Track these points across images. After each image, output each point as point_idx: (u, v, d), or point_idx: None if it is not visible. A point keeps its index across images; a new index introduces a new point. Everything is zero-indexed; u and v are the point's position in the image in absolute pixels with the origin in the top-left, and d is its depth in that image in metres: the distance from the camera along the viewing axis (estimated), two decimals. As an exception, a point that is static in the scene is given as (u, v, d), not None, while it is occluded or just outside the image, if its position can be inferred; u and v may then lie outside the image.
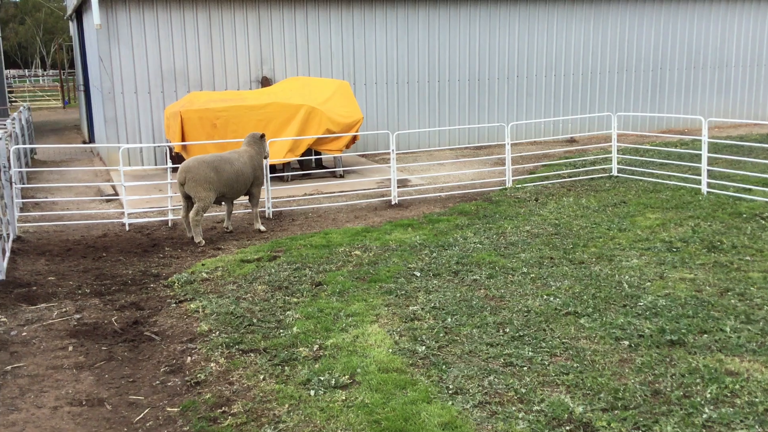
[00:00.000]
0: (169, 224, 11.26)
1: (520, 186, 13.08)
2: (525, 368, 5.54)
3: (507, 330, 6.30)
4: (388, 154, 17.01)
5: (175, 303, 7.54)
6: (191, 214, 10.02)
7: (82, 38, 21.21)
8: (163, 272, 8.75)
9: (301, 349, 6.09)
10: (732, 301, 6.79)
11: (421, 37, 17.81)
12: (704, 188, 11.73)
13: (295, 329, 6.49)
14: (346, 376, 5.50)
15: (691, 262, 8.06)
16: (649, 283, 7.40)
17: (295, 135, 13.73)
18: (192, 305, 7.34)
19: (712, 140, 12.14)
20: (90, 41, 18.06)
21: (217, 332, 6.58)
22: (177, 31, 15.86)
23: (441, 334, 6.26)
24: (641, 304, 6.79)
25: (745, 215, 10.04)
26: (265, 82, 16.66)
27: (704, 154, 11.76)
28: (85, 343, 6.58)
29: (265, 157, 11.07)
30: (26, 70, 69.60)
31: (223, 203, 10.68)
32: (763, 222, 9.61)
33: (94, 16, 14.91)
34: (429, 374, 5.49)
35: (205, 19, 16.02)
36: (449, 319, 6.59)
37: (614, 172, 13.65)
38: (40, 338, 6.70)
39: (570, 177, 13.70)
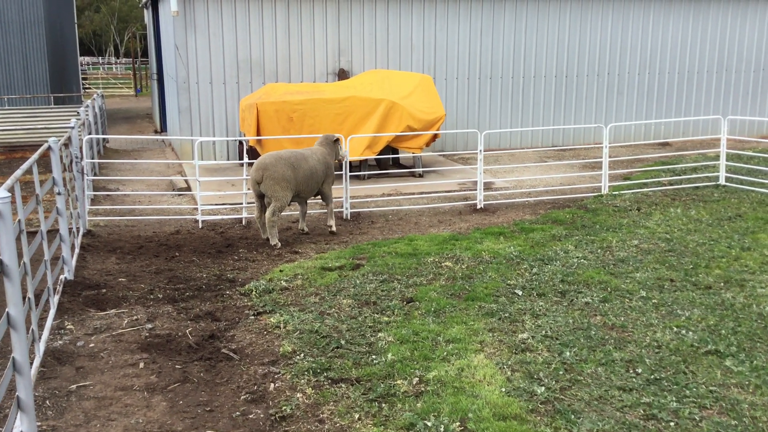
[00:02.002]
0: (243, 222, 10.66)
1: (617, 193, 12.04)
2: (672, 423, 4.64)
3: (639, 370, 5.40)
4: (467, 154, 16.17)
5: (254, 315, 6.87)
6: (267, 214, 9.38)
7: (156, 26, 20.92)
8: (239, 277, 8.11)
9: (398, 381, 5.31)
10: None
11: (507, 29, 16.84)
12: (830, 203, 10.53)
13: (389, 356, 5.72)
14: (457, 423, 4.69)
15: (841, 292, 6.99)
16: (796, 318, 6.38)
17: (373, 131, 12.99)
18: (272, 319, 6.65)
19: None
20: (165, 29, 17.68)
21: (302, 354, 5.86)
22: (254, 21, 15.29)
23: (560, 372, 5.40)
24: (794, 344, 5.79)
25: None
26: (342, 74, 15.96)
27: (832, 165, 10.55)
28: (158, 360, 5.95)
29: (340, 160, 10.40)
30: (100, 58, 70.95)
31: (294, 203, 10.04)
32: None
33: (172, 3, 14.44)
34: (555, 425, 4.64)
35: (283, 9, 15.41)
36: (567, 353, 5.72)
37: (722, 181, 12.47)
38: (109, 351, 6.11)
39: (671, 185, 12.58)
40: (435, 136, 13.93)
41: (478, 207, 11.44)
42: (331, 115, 13.08)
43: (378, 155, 13.51)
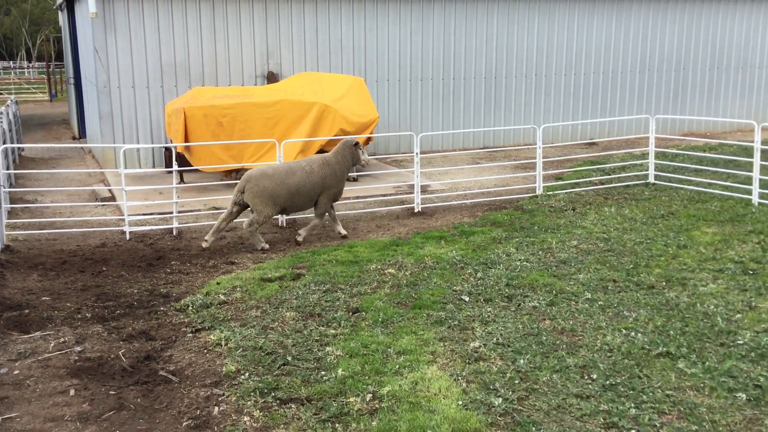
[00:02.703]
0: (174, 232, 10.21)
1: (551, 193, 12.11)
2: (633, 431, 4.57)
3: (594, 376, 5.32)
4: (401, 156, 16.04)
5: (192, 332, 6.51)
6: (245, 223, 9.30)
7: (73, 28, 20.03)
8: (173, 292, 7.71)
9: (351, 399, 5.08)
10: None
11: (436, 31, 16.80)
12: (756, 199, 10.83)
13: (339, 371, 5.48)
14: (416, 441, 4.50)
15: (778, 288, 7.13)
16: (739, 315, 6.45)
17: (306, 135, 12.69)
18: (212, 336, 6.32)
19: (765, 147, 11.21)
20: (83, 31, 16.91)
21: (247, 373, 5.56)
22: (178, 22, 14.76)
23: (516, 381, 5.28)
24: (741, 342, 5.84)
25: (813, 231, 9.13)
26: (272, 77, 15.59)
27: (757, 161, 10.86)
28: (89, 386, 5.54)
29: (363, 165, 10.05)
30: (11, 62, 67.92)
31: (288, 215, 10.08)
32: (839, 240, 8.70)
33: (90, 4, 13.78)
34: (517, 438, 4.51)
35: (208, 9, 14.94)
36: (521, 360, 5.60)
37: (651, 179, 12.71)
38: (36, 378, 5.66)
39: (602, 184, 12.75)
40: (368, 139, 13.74)
41: (416, 210, 11.31)
42: (262, 120, 12.72)
43: (311, 160, 13.19)
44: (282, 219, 10.61)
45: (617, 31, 18.45)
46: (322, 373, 5.51)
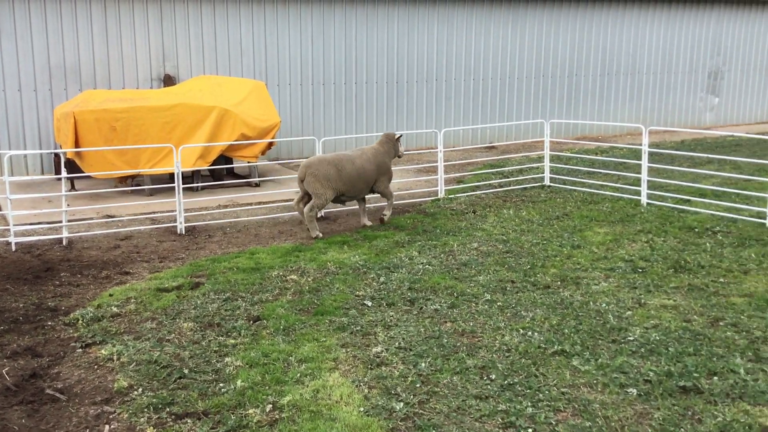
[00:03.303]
0: (64, 242, 9.74)
1: (453, 196, 12.29)
2: (530, 430, 4.65)
3: (492, 377, 5.40)
4: (303, 161, 15.90)
5: (81, 347, 6.21)
6: (306, 209, 9.80)
7: (-48, 27, 18.86)
8: (61, 305, 7.34)
9: (251, 410, 4.96)
10: (728, 333, 6.17)
11: (338, 35, 16.78)
12: (644, 199, 11.32)
13: (239, 382, 5.34)
14: (317, 450, 4.43)
15: (665, 285, 7.44)
16: (629, 312, 6.70)
17: (206, 140, 12.39)
18: (103, 351, 6.04)
19: (652, 149, 11.73)
20: (-37, 31, 15.96)
21: (140, 389, 5.34)
22: (67, 23, 14.14)
23: (417, 385, 5.29)
24: (631, 338, 6.06)
25: (696, 230, 9.61)
26: (168, 80, 15.17)
27: (644, 164, 11.34)
28: (-32, 408, 5.19)
29: (399, 156, 10.83)
30: None
31: (346, 202, 10.65)
32: (720, 237, 9.19)
33: (-31, 2, 13.02)
34: (418, 443, 4.51)
35: (99, 10, 14.38)
36: (422, 364, 5.62)
37: (547, 182, 13.10)
38: None
39: (501, 187, 13.04)
40: (270, 144, 13.56)
41: (319, 215, 11.22)
42: (158, 124, 12.33)
43: (211, 165, 12.92)
44: (181, 226, 10.31)
45: (513, 37, 18.94)
46: (221, 385, 5.36)
